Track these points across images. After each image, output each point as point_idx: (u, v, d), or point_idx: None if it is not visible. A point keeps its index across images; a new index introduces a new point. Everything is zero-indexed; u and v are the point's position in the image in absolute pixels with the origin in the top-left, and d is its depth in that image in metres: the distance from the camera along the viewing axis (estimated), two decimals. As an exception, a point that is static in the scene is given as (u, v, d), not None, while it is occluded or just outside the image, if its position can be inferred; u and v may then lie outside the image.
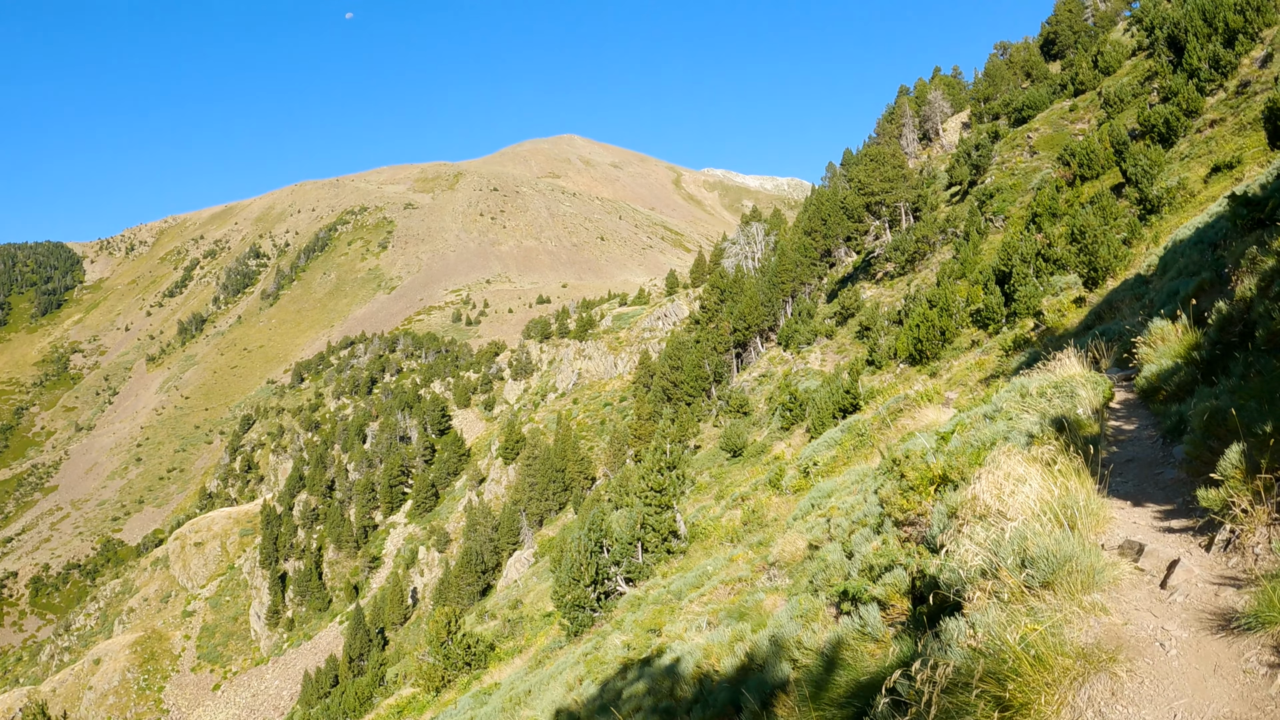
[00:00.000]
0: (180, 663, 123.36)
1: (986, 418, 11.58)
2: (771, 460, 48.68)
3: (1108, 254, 33.33)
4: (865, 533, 10.62)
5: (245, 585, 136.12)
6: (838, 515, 15.44)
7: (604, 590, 33.30)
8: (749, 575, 18.75)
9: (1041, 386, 11.09)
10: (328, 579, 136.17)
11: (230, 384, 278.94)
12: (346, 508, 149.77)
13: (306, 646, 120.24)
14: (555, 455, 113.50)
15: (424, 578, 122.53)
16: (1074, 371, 11.24)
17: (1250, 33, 52.98)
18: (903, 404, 30.70)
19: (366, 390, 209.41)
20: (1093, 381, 10.66)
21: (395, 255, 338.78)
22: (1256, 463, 5.74)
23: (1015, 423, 9.82)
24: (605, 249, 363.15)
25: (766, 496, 32.03)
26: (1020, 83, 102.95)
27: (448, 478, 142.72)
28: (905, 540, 9.49)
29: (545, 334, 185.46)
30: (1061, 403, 9.96)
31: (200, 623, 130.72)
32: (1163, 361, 10.15)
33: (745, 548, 23.56)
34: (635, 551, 34.06)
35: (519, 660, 38.62)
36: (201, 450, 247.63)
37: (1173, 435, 8.56)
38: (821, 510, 18.31)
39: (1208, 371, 9.06)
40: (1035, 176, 67.52)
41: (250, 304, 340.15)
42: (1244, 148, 39.53)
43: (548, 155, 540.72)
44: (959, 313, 47.38)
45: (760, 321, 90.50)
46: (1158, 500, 7.11)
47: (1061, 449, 7.39)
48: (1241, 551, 5.50)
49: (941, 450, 10.37)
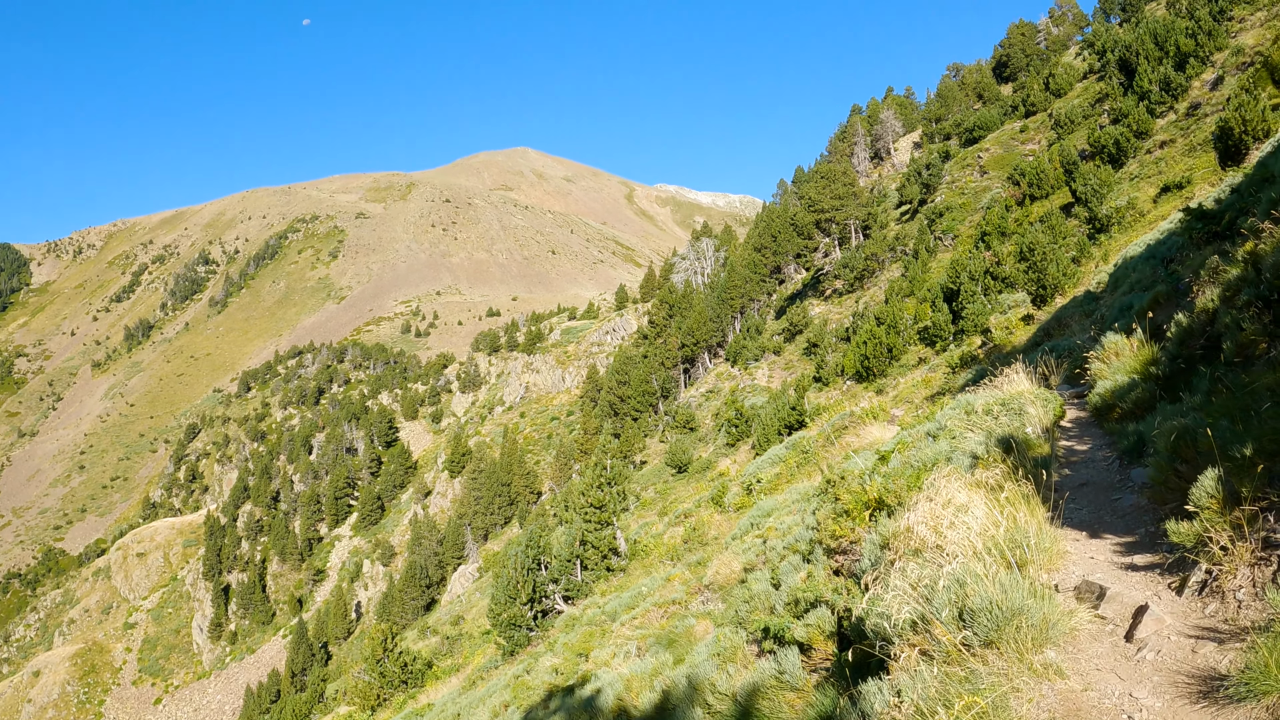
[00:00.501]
0: (121, 676, 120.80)
1: (929, 436, 10.87)
2: (716, 477, 47.99)
3: (1056, 272, 32.92)
4: (795, 560, 9.84)
5: (188, 597, 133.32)
6: (774, 537, 14.70)
7: (541, 609, 32.37)
8: (684, 597, 17.99)
9: (988, 404, 10.37)
10: (271, 592, 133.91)
11: (176, 392, 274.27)
12: (291, 519, 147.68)
13: (249, 660, 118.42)
14: (501, 469, 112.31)
15: (368, 591, 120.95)
16: (1023, 388, 10.53)
17: (1201, 56, 53.28)
18: (848, 421, 30.19)
19: (314, 401, 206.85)
20: (1042, 399, 9.96)
21: (346, 265, 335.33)
22: (1235, 491, 4.92)
23: (959, 442, 9.10)
24: (556, 263, 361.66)
25: (709, 514, 31.37)
26: (972, 104, 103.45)
27: (394, 490, 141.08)
28: (836, 571, 8.69)
29: (494, 347, 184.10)
30: (1009, 421, 9.26)
31: (142, 635, 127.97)
32: (1117, 378, 9.47)
33: (684, 567, 22.86)
34: (574, 569, 33.15)
35: (455, 679, 37.72)
36: (146, 459, 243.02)
37: (1130, 456, 7.88)
38: (759, 530, 17.59)
39: (1168, 388, 8.39)
40: (985, 196, 67.58)
41: (198, 311, 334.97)
42: (1194, 168, 39.43)
43: (501, 167, 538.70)
44: (906, 330, 46.96)
45: (708, 337, 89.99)
46: (1117, 530, 6.35)
47: (1009, 472, 6.61)
48: (1220, 596, 4.67)
49: (879, 471, 9.60)
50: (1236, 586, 4.58)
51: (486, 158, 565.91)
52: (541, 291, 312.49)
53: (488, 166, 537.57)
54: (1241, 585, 4.55)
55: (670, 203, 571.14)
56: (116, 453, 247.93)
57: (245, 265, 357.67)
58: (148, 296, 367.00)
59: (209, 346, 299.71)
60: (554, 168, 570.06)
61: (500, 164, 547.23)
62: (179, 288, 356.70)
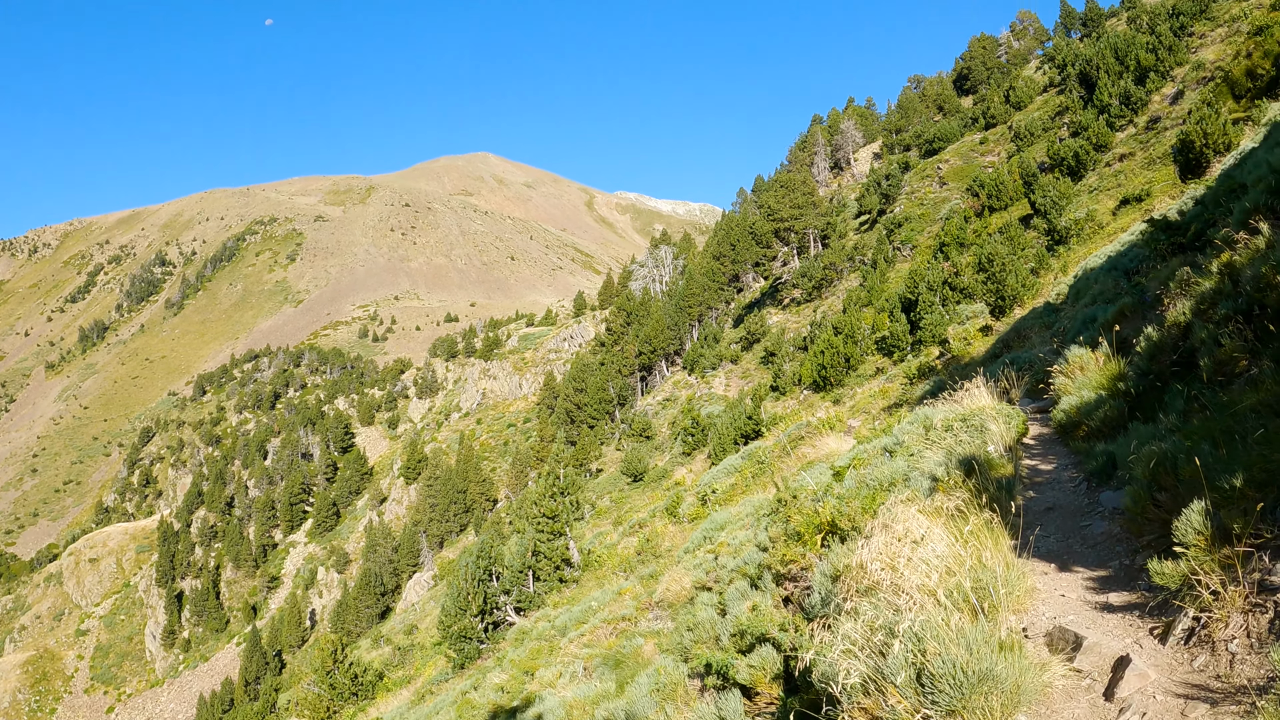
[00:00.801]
0: (73, 684, 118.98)
1: (886, 451, 10.43)
2: (672, 486, 47.52)
3: (1015, 283, 32.72)
4: (743, 586, 9.31)
5: (141, 604, 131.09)
6: (725, 553, 14.23)
7: (493, 620, 31.72)
8: (634, 613, 17.49)
9: (947, 419, 9.94)
10: (225, 599, 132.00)
11: (131, 395, 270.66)
12: (246, 525, 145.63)
13: (203, 668, 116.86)
14: (457, 476, 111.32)
15: (323, 599, 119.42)
16: (983, 403, 10.10)
17: (1162, 71, 53.58)
18: (804, 431, 29.93)
19: (270, 405, 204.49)
20: (1004, 415, 9.54)
21: (304, 268, 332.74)
22: (1225, 527, 4.40)
23: (917, 460, 8.66)
24: (515, 269, 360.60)
25: (663, 525, 30.97)
26: (933, 116, 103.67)
27: (350, 496, 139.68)
28: (786, 599, 8.19)
29: (452, 353, 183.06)
30: (969, 438, 8.81)
31: (94, 642, 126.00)
32: (1083, 393, 9.04)
33: (636, 580, 22.37)
34: (526, 580, 32.54)
35: (406, 692, 37.03)
36: (99, 463, 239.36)
37: (1099, 478, 7.43)
38: (712, 545, 17.12)
39: (1139, 405, 7.95)
40: (944, 207, 67.64)
41: (154, 313, 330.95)
42: (1154, 181, 39.47)
43: (462, 172, 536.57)
44: (864, 340, 46.73)
45: (666, 345, 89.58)
46: (1088, 562, 5.87)
47: (971, 498, 6.10)
48: (1211, 647, 4.13)
49: (833, 491, 9.12)
50: (1229, 636, 4.04)
51: (447, 162, 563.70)
52: (500, 297, 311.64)
53: (448, 171, 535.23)
54: (1235, 635, 4.01)
55: (630, 210, 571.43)
56: (70, 456, 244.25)
57: (202, 267, 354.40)
58: (103, 297, 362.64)
59: (164, 349, 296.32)
60: (514, 173, 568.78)
61: (461, 169, 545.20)
62: (135, 289, 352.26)
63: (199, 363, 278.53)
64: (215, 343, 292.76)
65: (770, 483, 25.28)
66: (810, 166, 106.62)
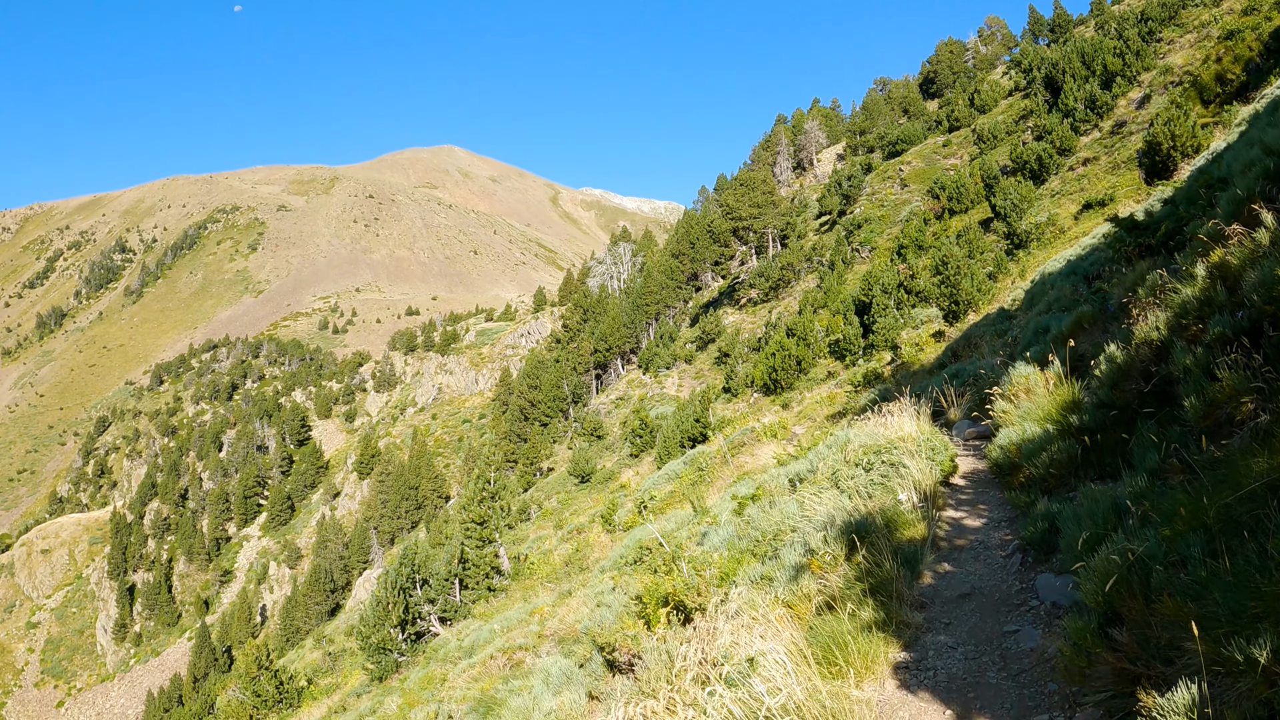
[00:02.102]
0: (23, 677, 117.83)
1: (790, 483, 8.68)
2: (617, 489, 46.41)
3: (970, 287, 31.10)
4: (566, 667, 7.51)
5: (92, 596, 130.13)
6: (611, 594, 12.48)
7: (416, 630, 29.88)
8: (530, 643, 15.99)
9: (863, 450, 8.15)
10: (178, 592, 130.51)
11: (88, 383, 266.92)
12: (199, 518, 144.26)
13: (154, 663, 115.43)
14: (409, 472, 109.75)
15: (274, 595, 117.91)
16: (906, 430, 8.33)
17: (1129, 75, 52.69)
18: (748, 437, 29.12)
19: (227, 396, 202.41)
20: (929, 447, 7.79)
21: (265, 258, 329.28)
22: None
23: (810, 507, 6.90)
24: (478, 263, 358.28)
25: (596, 534, 29.78)
26: (898, 119, 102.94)
27: (305, 490, 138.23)
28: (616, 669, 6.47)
29: (410, 346, 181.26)
30: (882, 476, 7.05)
31: (45, 635, 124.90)
32: (1026, 426, 7.28)
33: (553, 598, 20.84)
34: (453, 588, 30.73)
35: (329, 700, 35.35)
36: (54, 452, 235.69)
37: (1037, 551, 5.60)
38: (621, 566, 15.45)
39: (1096, 450, 6.15)
40: (905, 209, 66.66)
41: (113, 300, 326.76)
42: (1117, 185, 38.28)
43: (427, 165, 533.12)
44: (817, 343, 45.20)
45: (622, 343, 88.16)
46: (1005, 711, 4.00)
47: (855, 580, 4.29)
48: None
49: (713, 537, 7.34)
50: None
51: (412, 154, 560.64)
52: (462, 291, 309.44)
53: (413, 163, 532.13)
54: None
55: (595, 207, 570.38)
56: (24, 445, 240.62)
57: (163, 255, 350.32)
58: (62, 283, 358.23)
59: (123, 337, 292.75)
60: (480, 167, 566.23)
61: (426, 161, 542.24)
62: (94, 275, 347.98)
63: (157, 352, 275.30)
64: (174, 332, 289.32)
65: (711, 489, 24.90)
66: (773, 166, 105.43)
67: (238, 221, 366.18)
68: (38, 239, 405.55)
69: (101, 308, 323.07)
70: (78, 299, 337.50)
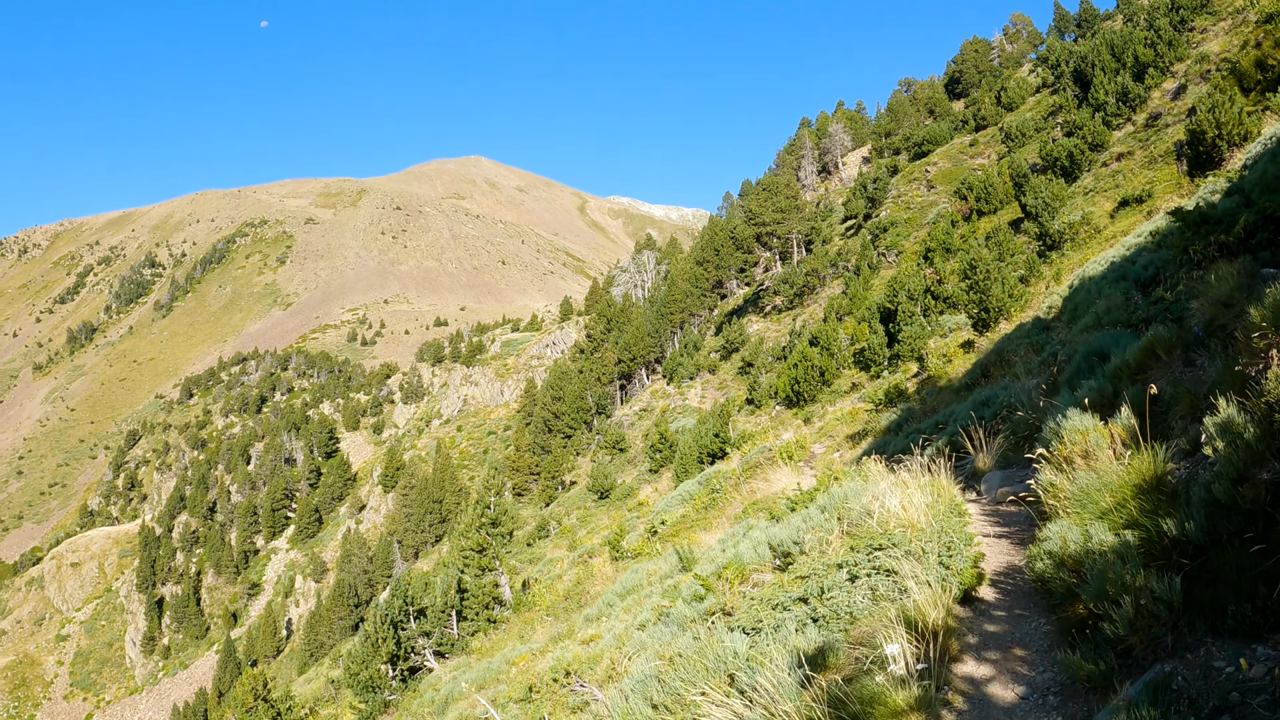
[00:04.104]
0: (52, 690, 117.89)
1: (773, 550, 6.79)
2: (635, 506, 45.05)
3: (1001, 292, 28.96)
4: None
5: (121, 609, 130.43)
6: (591, 650, 10.69)
7: (410, 666, 28.11)
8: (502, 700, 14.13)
9: (852, 545, 6.16)
10: (206, 605, 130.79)
11: (118, 397, 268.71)
12: (228, 531, 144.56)
13: (182, 676, 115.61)
14: (434, 485, 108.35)
15: (299, 608, 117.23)
16: (914, 512, 6.24)
17: (1161, 66, 50.49)
18: (764, 457, 27.62)
19: (256, 409, 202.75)
20: (944, 543, 5.77)
21: (293, 271, 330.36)
22: None
23: (761, 650, 5.01)
24: (506, 273, 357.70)
25: (602, 562, 28.16)
26: (923, 119, 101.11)
27: (332, 503, 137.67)
28: None
29: (438, 357, 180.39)
30: (871, 588, 5.07)
31: (74, 648, 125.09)
32: (1091, 527, 5.04)
33: (541, 641, 19.18)
34: (450, 620, 28.95)
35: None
36: (85, 465, 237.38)
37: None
38: (598, 623, 13.76)
39: (1205, 579, 4.04)
40: (932, 211, 64.82)
41: (143, 314, 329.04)
42: (1155, 180, 36.17)
43: (454, 176, 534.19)
44: (840, 353, 43.23)
45: (646, 353, 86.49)
46: None
47: None
48: None
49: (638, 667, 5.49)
50: None
51: (439, 165, 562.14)
52: (490, 302, 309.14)
53: (440, 174, 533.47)
54: None
55: (623, 215, 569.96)
56: (56, 458, 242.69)
57: (192, 269, 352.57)
58: (92, 298, 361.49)
59: (152, 351, 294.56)
60: (507, 177, 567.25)
61: (453, 172, 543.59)
62: (124, 290, 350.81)
63: (187, 365, 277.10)
64: (203, 345, 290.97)
65: (721, 516, 23.60)
66: (797, 170, 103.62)
67: (266, 235, 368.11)
68: (68, 255, 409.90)
69: (131, 322, 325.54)
70: (108, 314, 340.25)
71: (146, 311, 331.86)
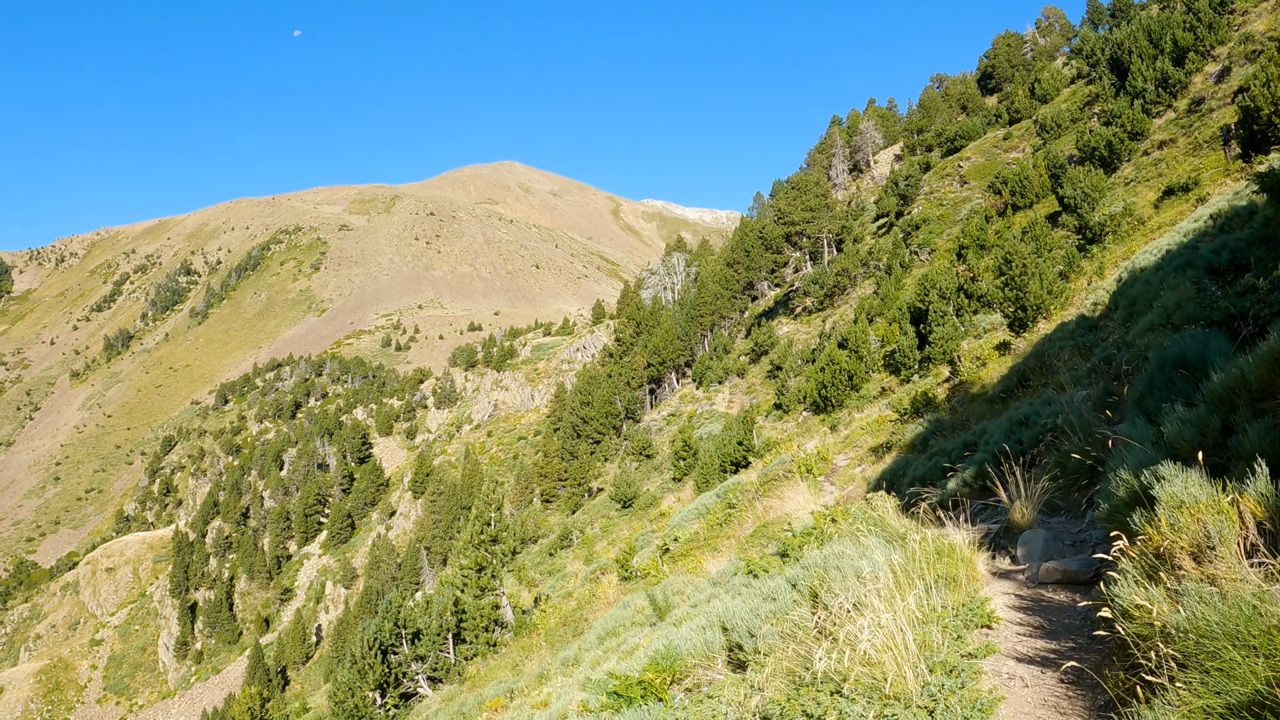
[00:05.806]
0: (86, 694, 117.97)
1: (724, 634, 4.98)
2: (657, 516, 43.46)
3: (1039, 288, 26.79)
4: None
5: (155, 614, 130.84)
6: None
7: (402, 692, 26.39)
8: None
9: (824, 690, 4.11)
10: (238, 610, 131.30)
11: (154, 403, 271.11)
12: (260, 536, 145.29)
13: (214, 681, 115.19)
14: (462, 491, 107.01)
15: (329, 614, 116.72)
16: (909, 687, 4.13)
17: (1202, 50, 48.23)
18: (784, 469, 25.95)
19: (290, 415, 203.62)
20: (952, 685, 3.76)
21: (327, 277, 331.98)
22: None
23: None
24: (540, 277, 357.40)
25: (609, 582, 26.79)
26: (955, 115, 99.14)
27: (365, 508, 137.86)
28: None
29: (471, 362, 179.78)
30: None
31: (108, 652, 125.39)
32: None
33: (534, 672, 17.57)
34: (445, 643, 27.21)
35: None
36: (121, 471, 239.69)
37: None
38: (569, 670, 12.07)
39: None
40: (965, 207, 62.88)
41: (179, 322, 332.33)
42: (1201, 167, 34.03)
43: (487, 181, 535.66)
44: (870, 356, 41.19)
45: (675, 356, 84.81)
46: None
47: None
48: None
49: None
50: None
51: (472, 171, 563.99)
52: (524, 306, 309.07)
53: (473, 180, 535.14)
54: None
55: (656, 218, 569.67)
56: (92, 464, 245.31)
57: (227, 276, 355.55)
58: (128, 306, 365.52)
59: (188, 358, 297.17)
60: (540, 182, 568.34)
61: (486, 177, 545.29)
62: (160, 298, 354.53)
63: (222, 371, 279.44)
64: (239, 352, 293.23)
65: (734, 533, 22.78)
66: (828, 169, 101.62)
67: (300, 242, 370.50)
68: (105, 263, 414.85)
69: (167, 329, 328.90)
70: (144, 321, 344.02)
71: (182, 319, 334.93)
